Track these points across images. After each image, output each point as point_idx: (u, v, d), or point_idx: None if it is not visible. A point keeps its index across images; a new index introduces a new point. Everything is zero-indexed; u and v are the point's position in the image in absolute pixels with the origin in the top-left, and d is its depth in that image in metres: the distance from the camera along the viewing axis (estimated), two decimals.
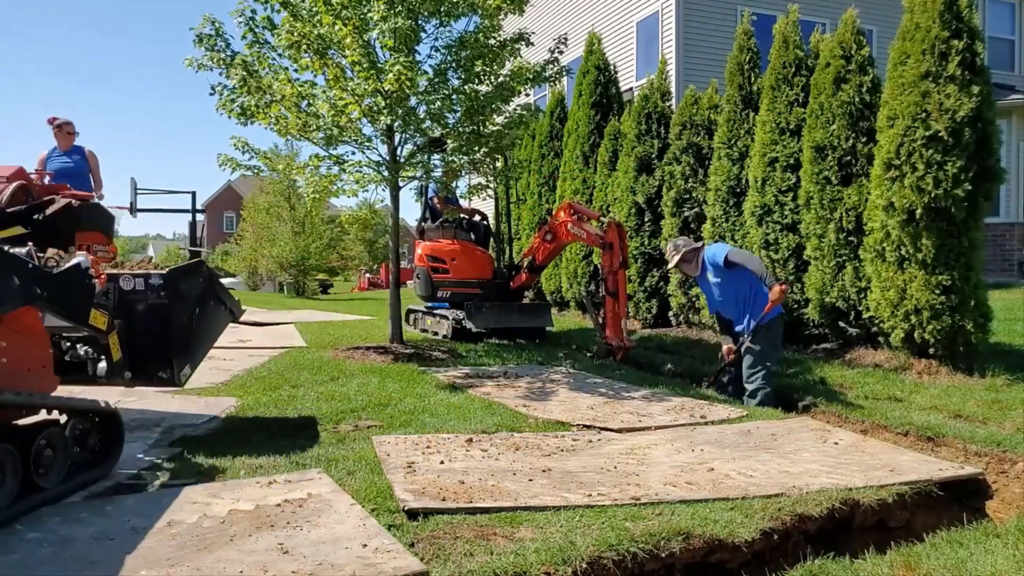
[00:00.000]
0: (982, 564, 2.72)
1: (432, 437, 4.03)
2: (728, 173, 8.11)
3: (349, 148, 7.04)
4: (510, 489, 3.15)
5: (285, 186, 22.69)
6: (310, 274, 25.27)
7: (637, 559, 2.64)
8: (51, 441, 3.07)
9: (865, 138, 6.56)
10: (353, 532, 2.65)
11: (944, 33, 5.67)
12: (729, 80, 8.24)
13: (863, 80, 6.60)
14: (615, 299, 7.31)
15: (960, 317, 5.71)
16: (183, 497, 3.01)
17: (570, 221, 7.87)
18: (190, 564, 2.38)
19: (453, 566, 2.44)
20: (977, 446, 4.23)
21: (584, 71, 11.54)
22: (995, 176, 5.75)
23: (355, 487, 3.14)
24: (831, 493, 3.20)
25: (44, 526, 2.71)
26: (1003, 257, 13.54)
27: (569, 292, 11.55)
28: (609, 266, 7.33)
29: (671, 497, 3.11)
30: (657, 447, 3.96)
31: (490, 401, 5.02)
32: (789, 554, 3.00)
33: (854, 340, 6.92)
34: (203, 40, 6.41)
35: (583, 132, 11.31)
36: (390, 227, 7.89)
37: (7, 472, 2.80)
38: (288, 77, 6.55)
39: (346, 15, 6.13)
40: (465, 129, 6.98)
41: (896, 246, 5.95)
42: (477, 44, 6.73)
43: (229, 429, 4.17)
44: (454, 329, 8.39)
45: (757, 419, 4.71)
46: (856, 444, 4.09)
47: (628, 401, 5.17)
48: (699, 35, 13.72)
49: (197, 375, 5.68)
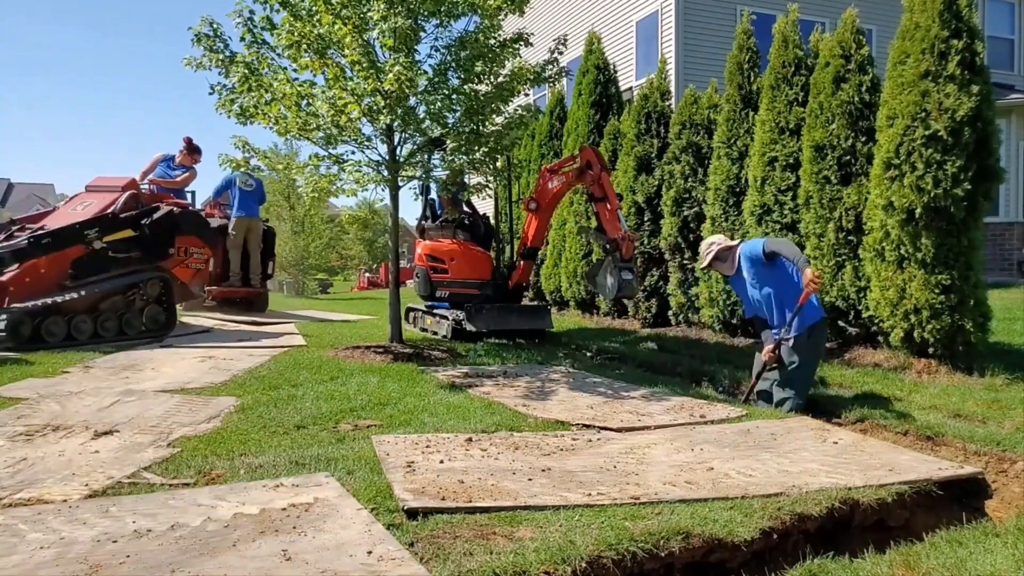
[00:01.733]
0: (981, 563, 2.73)
1: (432, 436, 4.03)
2: (727, 172, 8.12)
3: (349, 147, 7.04)
4: (510, 488, 3.15)
5: (284, 185, 22.69)
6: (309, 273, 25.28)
7: (637, 558, 2.64)
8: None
9: (864, 137, 6.56)
10: (358, 538, 2.62)
11: (944, 32, 5.68)
12: (729, 79, 8.24)
13: (863, 79, 6.61)
14: (605, 201, 7.56)
15: (959, 316, 5.72)
16: (188, 499, 3.00)
17: (547, 179, 8.24)
18: (191, 570, 2.37)
19: (453, 566, 2.44)
20: (976, 445, 4.24)
21: (584, 70, 11.55)
22: (994, 175, 5.76)
23: (355, 487, 3.14)
24: (830, 492, 3.20)
25: (47, 527, 2.71)
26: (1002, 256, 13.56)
27: (569, 292, 11.55)
28: (593, 180, 7.65)
29: (670, 496, 3.11)
30: (656, 446, 3.96)
31: (490, 400, 5.02)
32: (789, 553, 3.00)
33: (853, 339, 6.93)
34: (201, 40, 6.41)
35: (583, 132, 11.31)
36: (390, 227, 7.89)
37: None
38: (287, 77, 6.56)
39: (346, 15, 6.13)
40: (465, 129, 6.98)
41: (895, 245, 5.95)
42: (477, 44, 6.73)
43: (229, 429, 4.17)
44: (454, 329, 8.39)
45: (757, 418, 4.71)
46: (855, 443, 4.10)
47: (627, 400, 5.17)
48: (699, 34, 13.73)
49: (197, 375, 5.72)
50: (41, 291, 7.28)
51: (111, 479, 3.27)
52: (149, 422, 4.34)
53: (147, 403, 4.84)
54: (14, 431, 4.04)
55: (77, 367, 6.10)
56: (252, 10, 6.49)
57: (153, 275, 8.16)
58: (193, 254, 8.91)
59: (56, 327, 7.22)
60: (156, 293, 8.20)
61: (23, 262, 7.31)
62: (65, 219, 7.99)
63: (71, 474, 3.34)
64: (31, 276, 7.35)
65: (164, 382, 5.53)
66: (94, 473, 3.36)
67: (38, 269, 7.40)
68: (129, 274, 7.92)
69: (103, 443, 3.85)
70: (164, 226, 8.31)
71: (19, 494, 3.06)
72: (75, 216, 8.01)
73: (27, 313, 6.98)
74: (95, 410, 4.60)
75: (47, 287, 7.35)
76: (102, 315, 7.64)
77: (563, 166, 8.24)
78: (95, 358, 6.55)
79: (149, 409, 4.68)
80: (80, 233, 7.60)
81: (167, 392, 5.20)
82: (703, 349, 7.89)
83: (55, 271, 7.48)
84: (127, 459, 3.57)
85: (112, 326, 7.72)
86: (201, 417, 4.48)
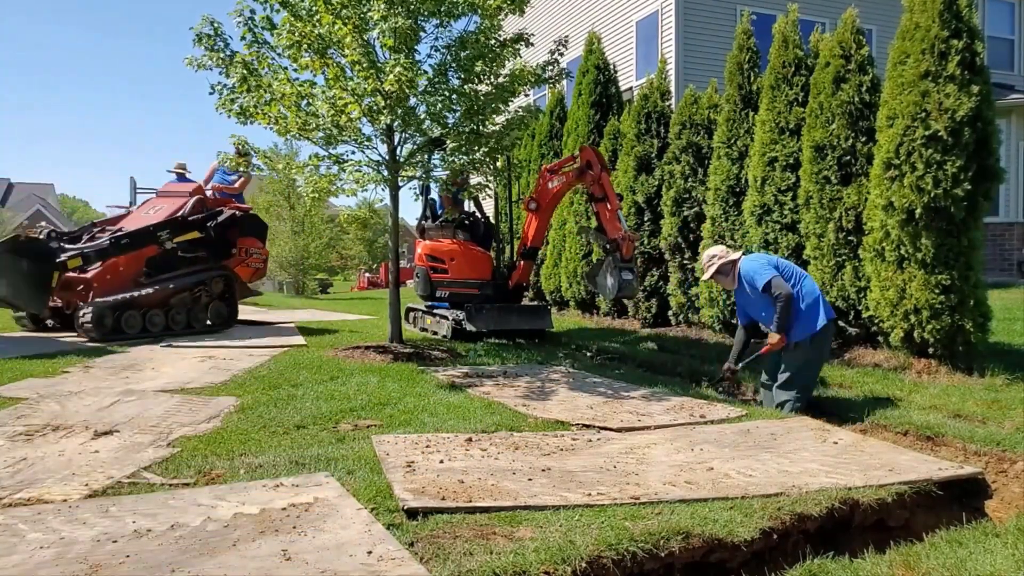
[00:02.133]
0: (981, 563, 2.73)
1: (432, 436, 4.03)
2: (728, 172, 8.12)
3: (349, 147, 7.04)
4: (510, 488, 3.15)
5: (284, 185, 22.66)
6: (309, 273, 25.26)
7: (636, 558, 2.64)
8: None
9: (864, 137, 6.56)
10: (358, 538, 2.62)
11: (944, 33, 5.68)
12: (729, 79, 8.24)
13: (863, 80, 6.61)
14: (605, 201, 7.64)
15: (959, 317, 5.72)
16: (188, 499, 3.00)
17: (547, 179, 8.31)
18: (190, 569, 2.37)
19: (453, 565, 2.44)
20: (976, 445, 4.24)
21: (584, 71, 11.54)
22: (994, 176, 5.76)
23: (355, 487, 3.14)
24: (830, 492, 3.20)
25: (47, 527, 2.71)
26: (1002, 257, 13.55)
27: (569, 292, 11.55)
28: (594, 180, 7.73)
29: (670, 496, 3.11)
30: (656, 446, 3.96)
31: (489, 400, 5.02)
32: (788, 553, 3.00)
33: (853, 339, 6.93)
34: (202, 40, 6.42)
35: (583, 131, 11.31)
36: (389, 227, 7.90)
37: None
38: (287, 77, 6.56)
39: (346, 14, 6.13)
40: (465, 129, 6.98)
41: (895, 246, 5.95)
42: (477, 44, 6.73)
43: (229, 428, 4.17)
44: (454, 329, 8.40)
45: (756, 419, 4.71)
46: (855, 444, 4.10)
47: (627, 400, 5.17)
48: (699, 35, 13.72)
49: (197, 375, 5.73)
50: (120, 287, 8.07)
51: (111, 479, 3.27)
52: (149, 422, 4.34)
53: (147, 403, 4.84)
54: (14, 431, 4.04)
55: (77, 367, 6.10)
56: (253, 10, 6.50)
57: (217, 273, 9.00)
58: (253, 254, 9.71)
59: (133, 320, 8.00)
60: (220, 290, 9.04)
61: (105, 261, 8.13)
62: (140, 222, 8.80)
63: (71, 474, 3.34)
64: (111, 273, 8.13)
65: (164, 382, 5.53)
66: (94, 473, 3.36)
67: (117, 267, 8.18)
68: (196, 272, 8.75)
69: (103, 443, 3.85)
70: (227, 228, 9.13)
71: (19, 494, 3.06)
72: (148, 219, 8.81)
73: (109, 307, 7.80)
74: (95, 410, 4.60)
75: (125, 284, 8.15)
76: (172, 309, 8.41)
77: (563, 166, 8.26)
78: (96, 358, 6.55)
79: (149, 409, 4.68)
80: (154, 234, 8.45)
81: (167, 392, 5.20)
82: (703, 349, 7.89)
83: (132, 269, 8.29)
84: (127, 459, 3.57)
85: (181, 320, 8.48)
86: (201, 417, 4.48)
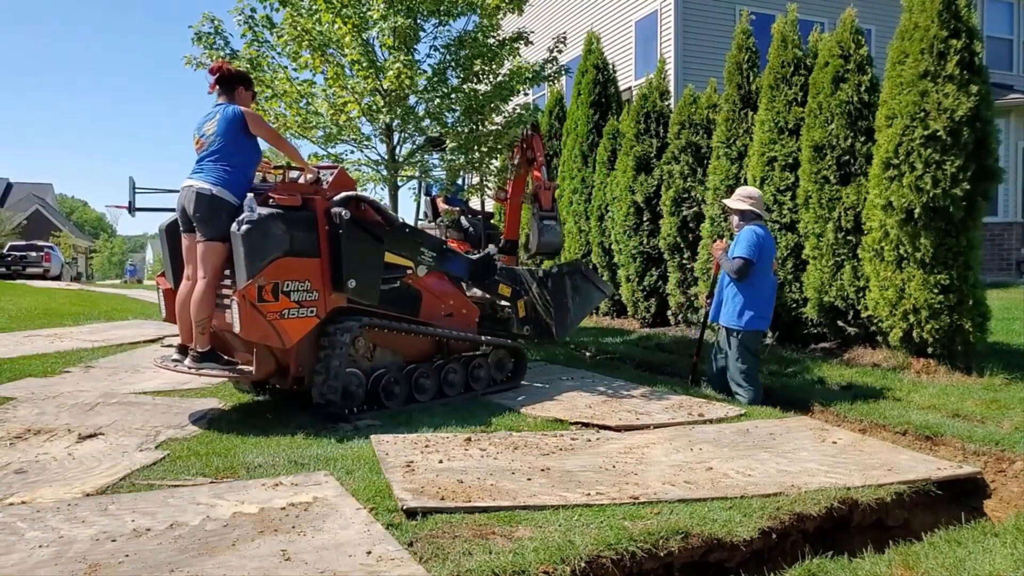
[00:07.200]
0: (980, 563, 2.73)
1: (431, 436, 4.03)
2: (727, 172, 8.11)
3: (348, 147, 7.04)
4: (509, 488, 3.15)
5: None
6: None
7: (636, 558, 2.64)
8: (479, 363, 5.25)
9: (864, 137, 6.56)
10: (357, 538, 2.62)
11: (943, 32, 5.68)
12: (728, 79, 8.24)
13: (861, 79, 6.61)
14: (530, 165, 7.67)
15: (958, 316, 5.72)
16: (187, 498, 3.00)
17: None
18: (190, 569, 2.37)
19: (452, 565, 2.44)
20: (975, 445, 4.24)
21: (583, 70, 11.53)
22: (993, 175, 5.76)
23: (354, 486, 3.14)
24: (829, 492, 3.20)
25: (46, 525, 2.71)
26: (1001, 256, 13.56)
27: None
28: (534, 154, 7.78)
29: (670, 496, 3.11)
30: (655, 446, 3.96)
31: (488, 400, 5.02)
32: (788, 553, 3.00)
33: (853, 339, 6.93)
34: (202, 38, 6.41)
35: (582, 131, 11.30)
36: None
37: (455, 381, 5.06)
38: (287, 76, 6.55)
39: (346, 13, 6.13)
40: (464, 128, 6.98)
41: (894, 245, 5.95)
42: (476, 43, 6.73)
43: (228, 428, 4.16)
44: None
45: (755, 418, 4.71)
46: (854, 443, 4.10)
47: (626, 399, 5.17)
48: (698, 34, 13.72)
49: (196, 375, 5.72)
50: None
51: (110, 477, 3.27)
52: (148, 421, 4.34)
53: (146, 403, 4.84)
54: (13, 431, 4.04)
55: (78, 367, 6.10)
56: (253, 8, 6.50)
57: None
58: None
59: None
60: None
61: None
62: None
63: (70, 473, 3.34)
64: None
65: (163, 382, 5.52)
66: (93, 471, 3.36)
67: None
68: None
69: (102, 442, 3.85)
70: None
71: (18, 493, 3.06)
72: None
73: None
74: (95, 410, 4.60)
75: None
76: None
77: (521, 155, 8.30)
78: (96, 359, 6.55)
79: (148, 409, 4.68)
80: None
81: (166, 392, 5.20)
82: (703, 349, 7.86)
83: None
84: (126, 458, 3.57)
85: None
86: (201, 416, 4.49)
